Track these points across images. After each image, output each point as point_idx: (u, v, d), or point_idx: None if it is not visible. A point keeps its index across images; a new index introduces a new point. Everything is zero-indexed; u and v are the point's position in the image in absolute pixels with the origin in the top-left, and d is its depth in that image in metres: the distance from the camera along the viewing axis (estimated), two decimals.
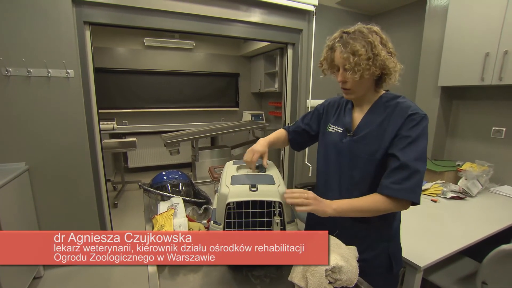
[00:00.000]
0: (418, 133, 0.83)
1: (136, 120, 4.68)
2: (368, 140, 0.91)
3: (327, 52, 0.91)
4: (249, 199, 0.79)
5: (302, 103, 2.91)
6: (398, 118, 0.86)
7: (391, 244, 0.99)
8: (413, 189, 0.82)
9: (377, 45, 0.83)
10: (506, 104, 2.02)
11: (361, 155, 0.91)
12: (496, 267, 1.17)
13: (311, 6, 2.61)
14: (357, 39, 0.83)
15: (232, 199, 0.78)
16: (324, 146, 1.05)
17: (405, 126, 0.84)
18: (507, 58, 1.72)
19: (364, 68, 0.82)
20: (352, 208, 0.83)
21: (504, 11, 1.71)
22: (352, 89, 0.90)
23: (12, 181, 1.74)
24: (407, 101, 0.90)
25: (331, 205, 0.81)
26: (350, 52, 0.82)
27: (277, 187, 0.82)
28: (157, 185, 1.26)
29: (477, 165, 1.99)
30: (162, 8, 2.16)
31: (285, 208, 0.81)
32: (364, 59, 0.81)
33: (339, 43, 0.85)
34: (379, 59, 0.83)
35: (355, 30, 0.86)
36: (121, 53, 4.39)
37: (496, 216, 1.56)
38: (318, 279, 0.70)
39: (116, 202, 3.47)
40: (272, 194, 0.80)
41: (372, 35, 0.84)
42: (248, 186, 0.81)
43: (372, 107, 0.94)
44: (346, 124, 0.98)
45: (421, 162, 0.82)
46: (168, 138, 2.79)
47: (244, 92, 5.39)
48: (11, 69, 1.82)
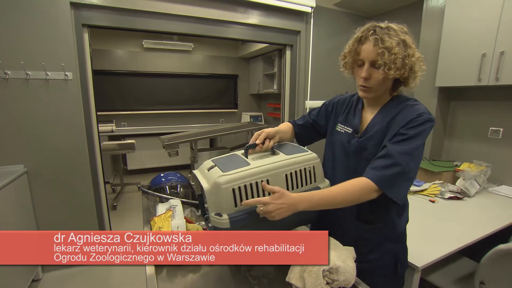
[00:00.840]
0: (415, 133, 0.81)
1: (135, 122, 4.68)
2: (374, 141, 0.88)
3: (354, 44, 0.85)
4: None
5: (300, 104, 2.92)
6: (404, 119, 0.83)
7: (397, 245, 0.97)
8: (390, 181, 0.78)
9: (411, 45, 0.80)
10: (503, 104, 2.03)
11: (367, 156, 0.89)
12: (494, 266, 1.17)
13: (309, 8, 2.63)
14: (391, 36, 0.78)
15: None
16: (331, 146, 1.03)
17: (406, 125, 0.82)
18: (504, 58, 1.73)
19: (397, 67, 0.78)
20: (326, 201, 0.78)
21: (500, 11, 1.73)
22: (373, 88, 0.85)
23: (11, 183, 1.74)
24: (418, 104, 0.86)
25: (298, 203, 0.75)
26: (387, 48, 0.77)
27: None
28: (155, 187, 1.27)
29: (475, 165, 1.99)
30: (160, 11, 2.16)
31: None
32: (399, 57, 0.77)
33: (373, 36, 0.79)
34: (412, 60, 0.80)
35: (387, 26, 0.81)
36: (119, 55, 4.39)
37: (494, 216, 1.56)
38: (316, 280, 0.70)
39: (115, 204, 3.46)
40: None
41: (404, 34, 0.81)
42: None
43: (383, 108, 0.91)
44: (355, 125, 0.95)
45: (406, 158, 0.79)
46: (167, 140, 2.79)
47: (243, 93, 5.40)
48: (9, 72, 1.82)
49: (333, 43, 2.93)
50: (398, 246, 0.98)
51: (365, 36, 0.82)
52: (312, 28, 2.75)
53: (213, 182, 0.75)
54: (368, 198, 0.79)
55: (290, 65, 2.86)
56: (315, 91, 2.91)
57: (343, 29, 2.95)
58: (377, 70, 0.81)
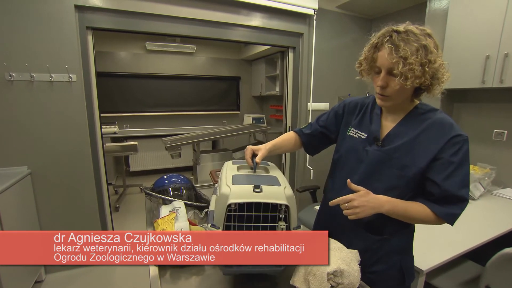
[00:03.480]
0: (462, 159, 0.78)
1: (137, 124, 4.70)
2: (400, 153, 0.83)
3: (370, 51, 0.80)
4: (253, 201, 0.71)
5: (303, 106, 2.92)
6: (438, 137, 0.79)
7: (404, 257, 0.94)
8: (456, 214, 0.81)
9: (432, 50, 0.73)
10: (508, 106, 2.02)
11: (391, 169, 0.84)
12: (499, 270, 1.16)
13: (312, 10, 2.63)
14: (409, 42, 0.72)
15: (233, 200, 0.71)
16: (342, 151, 0.97)
17: (447, 150, 0.78)
18: (508, 60, 1.72)
19: (416, 76, 0.72)
20: (405, 214, 0.82)
21: (504, 13, 1.72)
22: (391, 96, 0.80)
23: (15, 185, 1.75)
24: (446, 117, 0.82)
25: (383, 205, 0.79)
26: (402, 57, 0.71)
27: (283, 189, 0.75)
28: (158, 188, 1.27)
29: (479, 168, 1.98)
30: (163, 13, 2.18)
31: (291, 213, 0.75)
32: (417, 66, 0.71)
33: (388, 44, 0.74)
34: (433, 66, 0.73)
35: (407, 30, 0.74)
36: (123, 57, 4.42)
37: (499, 219, 1.55)
38: (320, 283, 0.70)
39: (117, 205, 3.47)
40: (278, 197, 0.73)
41: (426, 38, 0.73)
42: (252, 187, 0.73)
43: (407, 117, 0.85)
44: (373, 131, 0.89)
45: (466, 190, 0.79)
46: (169, 141, 2.79)
47: (245, 95, 5.40)
48: (14, 74, 1.84)
49: (336, 46, 2.93)
50: (406, 257, 0.95)
51: (381, 42, 0.76)
52: (315, 31, 2.76)
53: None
54: (431, 224, 0.85)
55: (292, 67, 2.86)
56: (317, 93, 2.91)
57: (346, 31, 2.95)
58: (395, 78, 0.75)
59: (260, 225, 0.75)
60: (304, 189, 2.23)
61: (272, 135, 4.53)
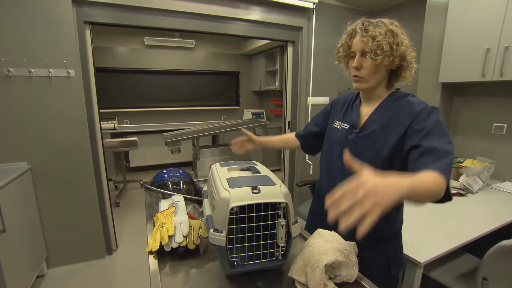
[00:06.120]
0: (433, 122, 0.78)
1: (137, 119, 4.70)
2: (374, 137, 0.88)
3: (345, 39, 0.90)
4: (254, 202, 0.72)
5: (302, 100, 2.91)
6: (406, 114, 0.83)
7: (390, 245, 0.97)
8: (450, 170, 0.70)
9: (399, 35, 0.83)
10: (508, 100, 2.02)
11: (366, 153, 0.89)
12: (496, 263, 1.17)
13: (311, 4, 2.61)
14: (378, 26, 0.83)
15: (235, 203, 0.71)
16: (328, 143, 1.03)
17: (416, 122, 0.80)
18: (508, 53, 1.71)
19: (385, 53, 0.81)
20: (425, 191, 0.61)
21: (505, 6, 1.70)
22: (365, 77, 0.87)
23: (15, 180, 1.76)
24: (417, 99, 0.87)
25: (402, 187, 0.54)
26: (371, 36, 0.81)
27: (279, 188, 0.77)
28: (158, 183, 1.27)
29: (478, 162, 1.98)
30: (162, 7, 2.16)
31: (290, 209, 0.76)
32: (386, 44, 0.80)
33: (360, 28, 0.85)
34: (401, 48, 0.82)
35: (377, 20, 0.86)
36: (121, 52, 4.39)
37: (497, 212, 1.56)
38: (318, 275, 0.70)
39: (118, 201, 3.49)
40: (276, 195, 0.74)
41: (393, 26, 0.84)
42: (249, 188, 0.74)
43: (381, 104, 0.91)
44: (352, 120, 0.95)
45: (450, 145, 0.74)
46: (169, 137, 2.80)
47: (245, 90, 5.39)
48: (12, 69, 1.83)
49: (336, 40, 2.86)
50: (392, 246, 0.97)
51: (355, 29, 0.86)
52: (314, 24, 2.74)
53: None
54: (441, 194, 0.67)
55: (292, 61, 2.85)
56: (317, 87, 2.90)
57: (346, 25, 2.93)
58: (368, 59, 0.83)
59: (261, 224, 0.76)
60: (303, 183, 2.25)
61: (272, 129, 4.53)
